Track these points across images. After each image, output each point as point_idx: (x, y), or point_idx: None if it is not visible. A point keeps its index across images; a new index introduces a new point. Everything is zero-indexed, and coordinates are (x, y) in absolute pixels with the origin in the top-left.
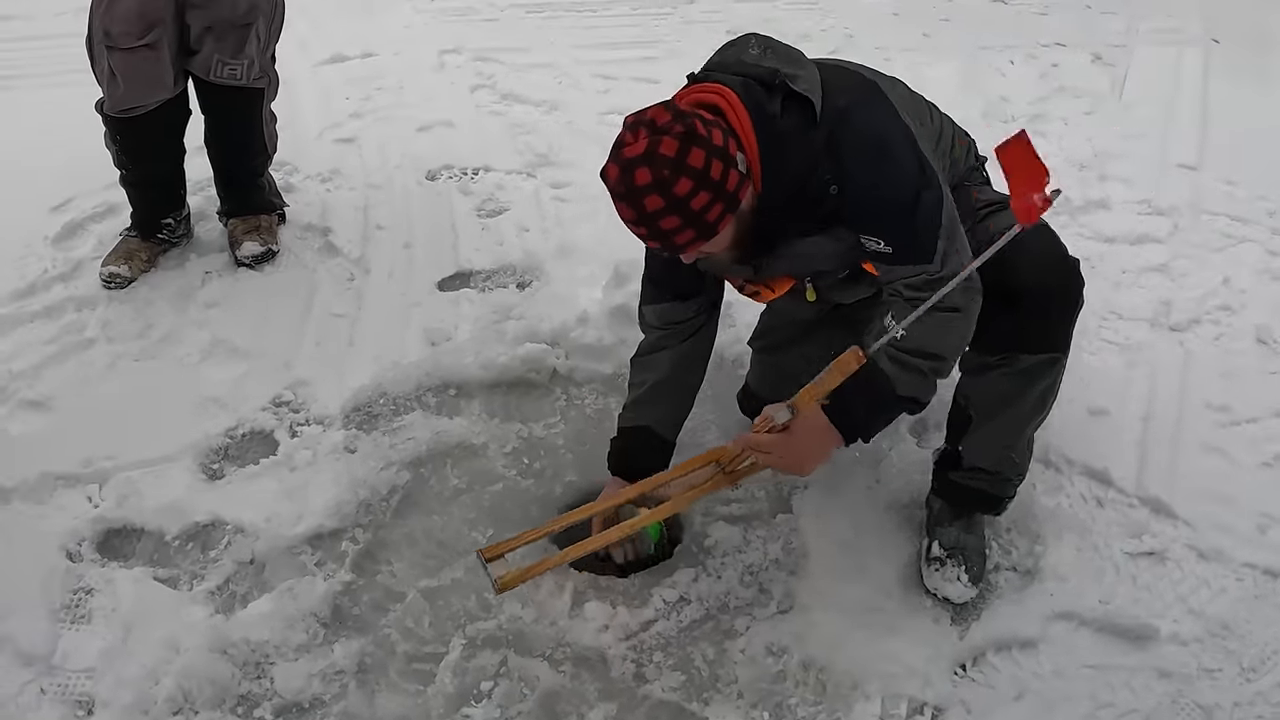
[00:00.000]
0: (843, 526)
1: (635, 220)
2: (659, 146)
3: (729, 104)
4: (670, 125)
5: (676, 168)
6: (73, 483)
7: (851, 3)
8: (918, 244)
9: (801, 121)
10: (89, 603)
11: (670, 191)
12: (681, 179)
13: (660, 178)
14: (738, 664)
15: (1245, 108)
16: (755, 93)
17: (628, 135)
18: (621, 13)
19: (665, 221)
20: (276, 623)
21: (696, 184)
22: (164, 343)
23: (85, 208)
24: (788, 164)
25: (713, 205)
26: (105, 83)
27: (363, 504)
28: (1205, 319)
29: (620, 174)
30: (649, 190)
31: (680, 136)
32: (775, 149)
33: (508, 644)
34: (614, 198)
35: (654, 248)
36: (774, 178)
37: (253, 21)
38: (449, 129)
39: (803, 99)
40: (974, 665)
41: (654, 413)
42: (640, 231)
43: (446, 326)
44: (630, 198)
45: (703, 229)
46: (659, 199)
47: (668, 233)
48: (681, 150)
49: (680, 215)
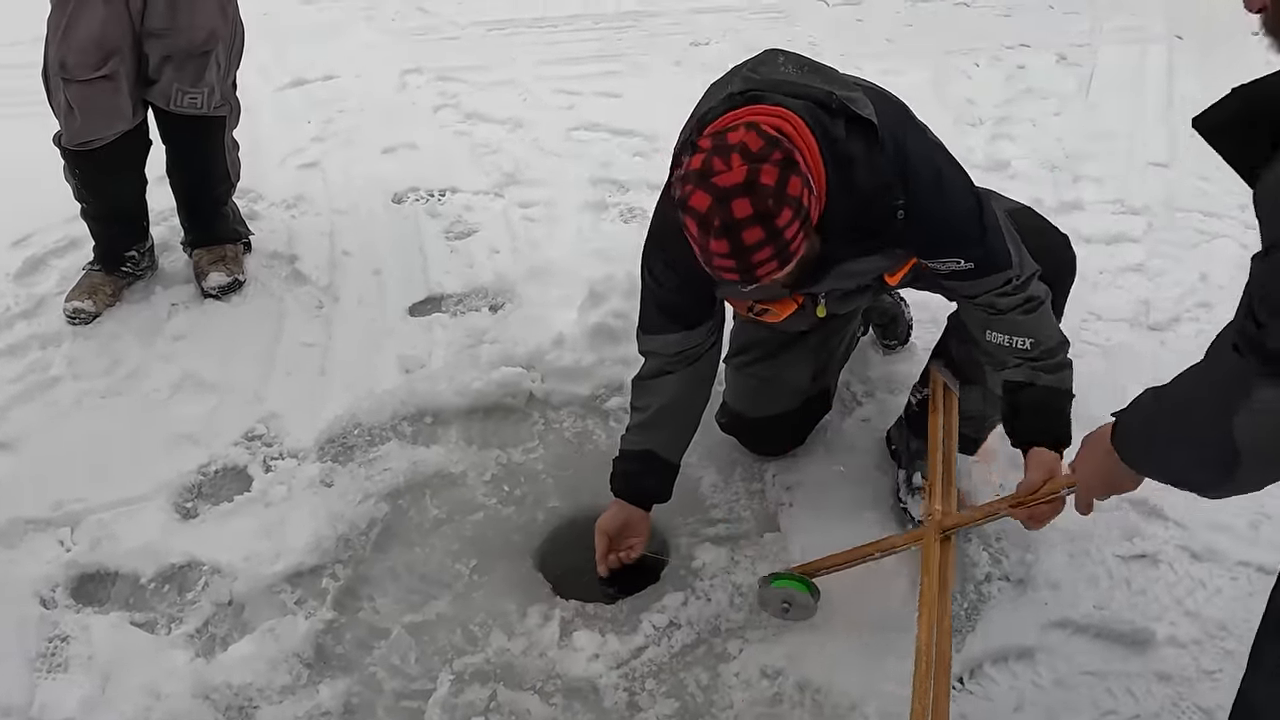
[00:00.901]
0: (832, 543)
1: (728, 254)
2: (759, 176)
3: (794, 128)
4: (767, 152)
5: (779, 198)
6: (44, 527)
7: (815, 11)
8: (995, 253)
9: (865, 145)
10: (65, 650)
11: (772, 224)
12: (784, 209)
13: (764, 209)
14: (732, 688)
15: (1212, 102)
16: (819, 116)
17: (717, 161)
18: (583, 27)
19: (759, 254)
20: (259, 665)
21: (794, 214)
22: (131, 379)
23: (47, 242)
24: (855, 188)
25: (800, 234)
26: (62, 115)
27: (341, 539)
28: (1185, 317)
29: (714, 204)
30: (750, 224)
31: (779, 165)
32: (840, 173)
33: (496, 677)
34: (698, 229)
35: (728, 280)
36: (837, 202)
37: (212, 49)
38: (413, 150)
39: (865, 122)
40: (971, 678)
41: (658, 437)
42: (727, 264)
43: (419, 353)
44: (729, 232)
45: (785, 259)
46: (760, 232)
47: (755, 265)
48: (781, 179)
49: (775, 246)
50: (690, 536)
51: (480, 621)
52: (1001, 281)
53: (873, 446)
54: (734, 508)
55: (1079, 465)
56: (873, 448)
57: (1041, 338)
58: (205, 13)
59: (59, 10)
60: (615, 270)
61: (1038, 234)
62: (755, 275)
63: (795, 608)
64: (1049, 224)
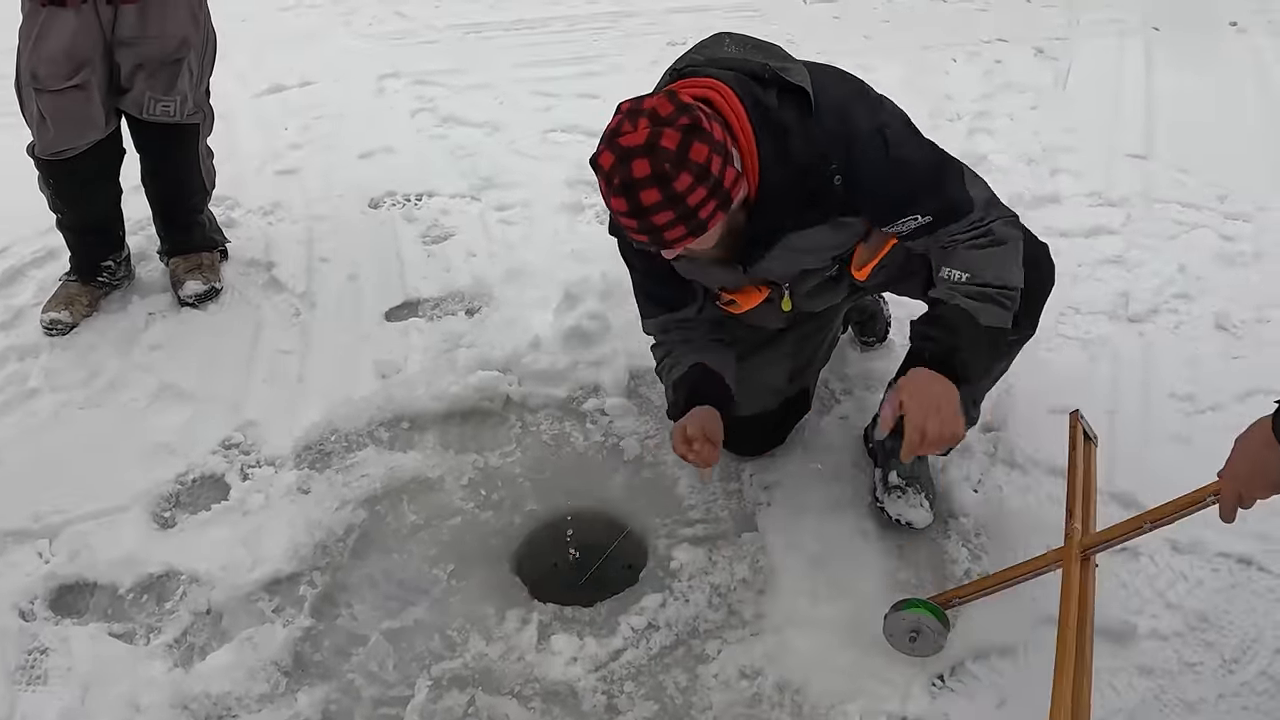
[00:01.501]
0: (810, 542)
1: (627, 213)
2: (660, 139)
3: (723, 98)
4: (674, 117)
5: (678, 162)
6: (22, 538)
7: (792, 9)
8: (954, 202)
9: (799, 114)
10: (44, 662)
11: (670, 186)
12: (682, 174)
13: (660, 171)
14: (711, 689)
15: (1189, 93)
16: (749, 86)
17: (626, 123)
18: (560, 29)
19: (659, 216)
20: (238, 674)
21: (696, 179)
22: (109, 389)
23: (23, 254)
24: (788, 157)
25: (708, 201)
26: (35, 126)
27: (319, 546)
28: (1164, 308)
29: (616, 163)
30: (647, 184)
31: (684, 129)
32: (774, 142)
33: (475, 683)
34: (605, 187)
35: (640, 242)
36: (772, 172)
37: (183, 57)
38: (390, 155)
39: (797, 90)
40: (953, 675)
41: (700, 358)
42: (630, 224)
43: (396, 358)
44: (626, 191)
45: (695, 226)
46: (657, 193)
47: (659, 228)
48: (684, 143)
49: (675, 210)
50: (668, 538)
51: (458, 626)
52: (967, 225)
53: (851, 444)
54: (711, 508)
55: (1232, 467)
56: (851, 445)
57: (977, 271)
58: (176, 21)
59: (29, 21)
60: (591, 272)
61: None
62: (663, 239)
63: (922, 638)
64: (1028, 233)
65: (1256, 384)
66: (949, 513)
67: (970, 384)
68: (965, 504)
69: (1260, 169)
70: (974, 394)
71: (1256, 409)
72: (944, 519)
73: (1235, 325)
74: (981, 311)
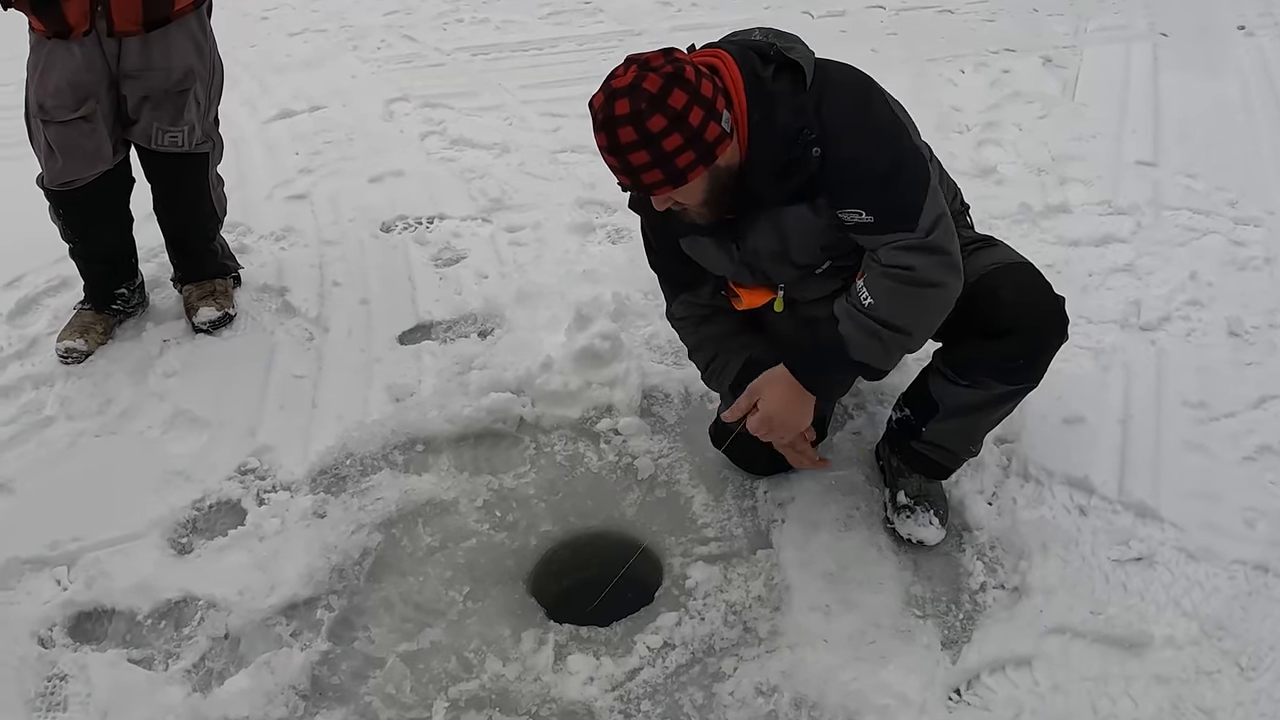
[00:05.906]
0: (824, 558)
1: (607, 148)
2: (643, 81)
3: (724, 64)
4: (660, 65)
5: (654, 103)
6: (40, 566)
7: (800, 25)
8: (900, 210)
9: (791, 85)
10: (64, 689)
11: (644, 126)
12: (656, 115)
13: (637, 110)
14: (728, 707)
15: (1197, 99)
16: (750, 58)
17: (620, 69)
18: (568, 50)
19: (634, 156)
20: (256, 698)
21: (671, 124)
22: (124, 417)
23: (38, 283)
24: (774, 124)
25: (684, 150)
26: (43, 157)
27: (335, 570)
28: (1175, 315)
29: (603, 101)
30: (624, 121)
31: (666, 76)
32: (763, 108)
33: (492, 704)
34: (594, 125)
35: (624, 184)
36: (761, 137)
37: (189, 87)
38: (400, 179)
39: (795, 66)
40: (969, 689)
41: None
42: (611, 162)
43: (409, 381)
44: (607, 126)
45: (671, 173)
46: (633, 132)
47: (636, 168)
48: (664, 88)
49: (650, 152)
50: (683, 556)
51: (475, 648)
52: (897, 239)
53: (864, 459)
54: (726, 526)
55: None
56: (864, 461)
57: (880, 303)
58: (180, 53)
59: (35, 53)
60: (602, 292)
61: (1030, 290)
62: (641, 181)
63: None
64: (1045, 283)
65: (1270, 390)
66: (963, 526)
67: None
68: (979, 517)
69: (1270, 173)
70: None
71: (1271, 415)
72: (958, 533)
73: (1247, 331)
74: (858, 345)
